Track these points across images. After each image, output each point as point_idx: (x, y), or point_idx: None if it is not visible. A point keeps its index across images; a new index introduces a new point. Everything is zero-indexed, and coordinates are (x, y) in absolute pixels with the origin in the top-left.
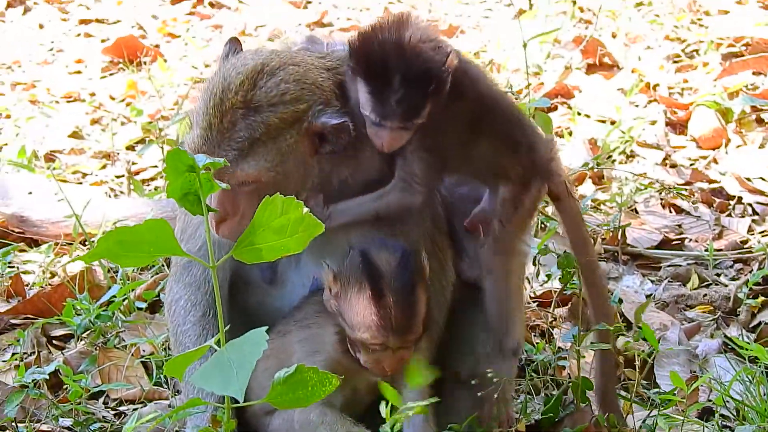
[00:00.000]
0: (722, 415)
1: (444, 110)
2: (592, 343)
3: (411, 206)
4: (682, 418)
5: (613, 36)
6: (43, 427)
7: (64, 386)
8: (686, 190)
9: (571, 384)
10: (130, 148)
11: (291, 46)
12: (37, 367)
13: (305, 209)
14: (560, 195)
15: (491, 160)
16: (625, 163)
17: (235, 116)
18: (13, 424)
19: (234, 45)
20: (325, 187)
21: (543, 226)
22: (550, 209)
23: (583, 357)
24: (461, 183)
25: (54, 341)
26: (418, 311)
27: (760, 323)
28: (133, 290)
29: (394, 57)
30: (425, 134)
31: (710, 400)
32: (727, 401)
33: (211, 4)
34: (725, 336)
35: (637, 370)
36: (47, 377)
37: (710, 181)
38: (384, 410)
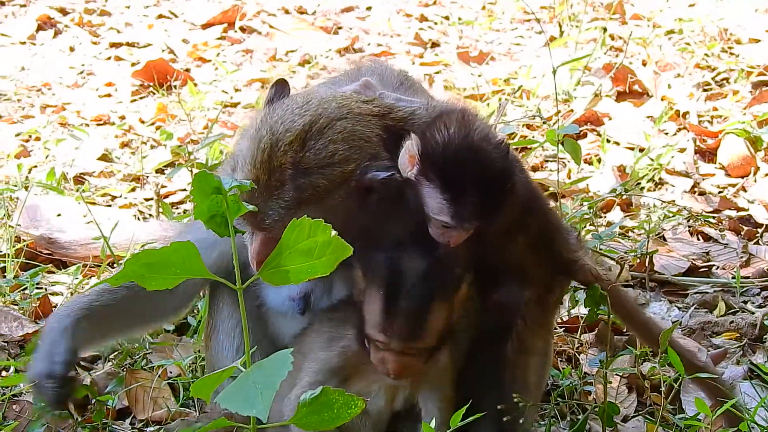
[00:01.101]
0: None
1: None
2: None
3: None
4: None
5: (644, 64)
6: None
7: (89, 406)
8: (714, 217)
9: (597, 409)
10: (160, 171)
11: (339, 81)
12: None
13: (333, 232)
14: (588, 282)
15: (522, 260)
16: (654, 190)
17: (284, 176)
18: None
19: (280, 88)
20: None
21: None
22: None
23: (610, 383)
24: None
25: (81, 362)
26: (429, 322)
27: None
28: None
29: (468, 162)
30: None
31: (735, 427)
32: (753, 427)
33: (242, 29)
34: (751, 363)
35: (663, 395)
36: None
37: (738, 209)
38: None
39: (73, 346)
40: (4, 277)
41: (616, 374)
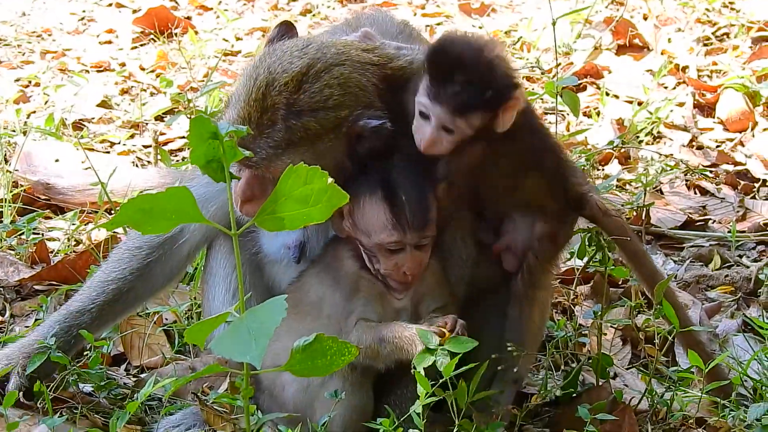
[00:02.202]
0: (739, 394)
1: (498, 148)
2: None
3: None
4: (699, 395)
5: (644, 18)
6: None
7: (86, 352)
8: (711, 171)
9: (591, 360)
10: (159, 118)
11: (339, 30)
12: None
13: (330, 179)
14: (596, 217)
15: (534, 196)
16: (652, 143)
17: (276, 116)
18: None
19: (284, 29)
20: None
21: None
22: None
23: (605, 334)
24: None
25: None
26: (431, 207)
27: None
28: None
29: (467, 58)
30: (474, 172)
31: (728, 379)
32: (745, 380)
33: None
34: (745, 316)
35: (657, 347)
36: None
37: (736, 164)
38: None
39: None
40: (1, 221)
41: (611, 326)
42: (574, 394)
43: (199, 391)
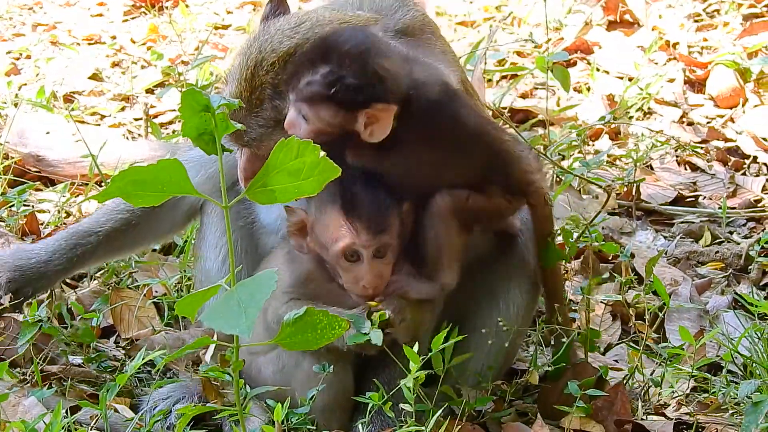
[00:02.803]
0: (730, 371)
1: (415, 134)
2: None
3: None
4: (690, 372)
5: None
6: (55, 366)
7: (73, 324)
8: (702, 148)
9: (579, 335)
10: (150, 91)
11: (340, 3)
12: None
13: (321, 153)
14: (537, 204)
15: (470, 183)
16: (643, 119)
17: (264, 95)
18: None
19: (276, 5)
20: None
21: (558, 179)
22: (565, 162)
23: (593, 311)
24: None
25: (66, 280)
26: (390, 216)
27: None
28: None
29: (337, 52)
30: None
31: (718, 356)
32: (735, 357)
33: None
34: (735, 293)
35: (647, 323)
36: (59, 313)
37: (726, 140)
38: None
39: (72, 258)
40: None
41: (601, 302)
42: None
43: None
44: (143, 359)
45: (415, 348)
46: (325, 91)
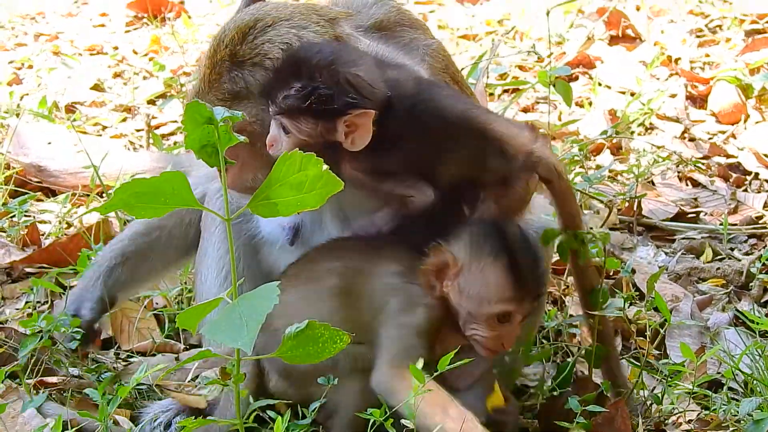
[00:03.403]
0: (730, 388)
1: (404, 134)
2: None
3: None
4: (690, 389)
5: (637, 9)
6: (53, 378)
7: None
8: (703, 163)
9: (585, 352)
10: (151, 102)
11: None
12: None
13: (324, 166)
14: (551, 178)
15: (463, 175)
16: (644, 135)
17: (222, 69)
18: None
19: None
20: None
21: None
22: None
23: (600, 327)
24: None
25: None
26: (545, 270)
27: None
28: None
29: (308, 64)
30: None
31: (719, 373)
32: (737, 374)
33: None
34: (737, 310)
35: (648, 340)
36: (57, 325)
37: (728, 156)
38: None
39: (107, 294)
40: None
41: (605, 315)
42: (569, 387)
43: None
44: (144, 373)
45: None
46: (302, 103)
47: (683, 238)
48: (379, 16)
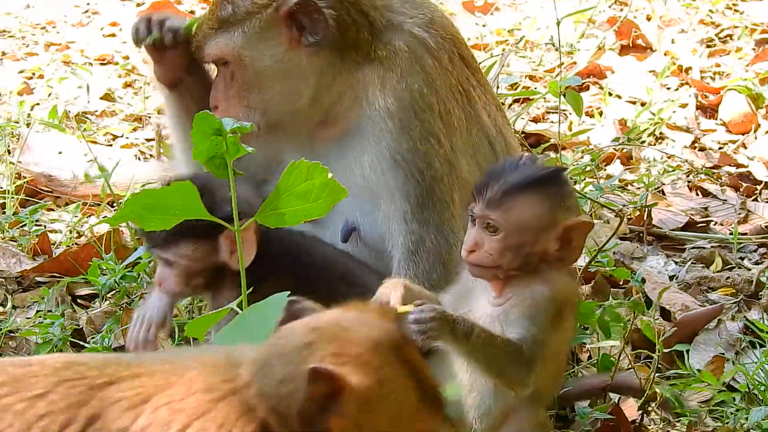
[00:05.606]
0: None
1: None
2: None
3: None
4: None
5: (648, 18)
6: None
7: (85, 346)
8: (714, 173)
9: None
10: (162, 112)
11: None
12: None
13: (330, 174)
14: None
15: None
16: (655, 144)
17: (216, 2)
18: None
19: None
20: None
21: None
22: (577, 187)
23: (616, 342)
24: None
25: (78, 300)
26: None
27: None
28: None
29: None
30: None
31: (726, 382)
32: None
33: None
34: (746, 319)
35: (658, 347)
36: (68, 334)
37: (738, 166)
38: None
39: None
40: (4, 213)
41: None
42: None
43: None
44: None
45: None
46: (177, 229)
47: (693, 248)
48: None
